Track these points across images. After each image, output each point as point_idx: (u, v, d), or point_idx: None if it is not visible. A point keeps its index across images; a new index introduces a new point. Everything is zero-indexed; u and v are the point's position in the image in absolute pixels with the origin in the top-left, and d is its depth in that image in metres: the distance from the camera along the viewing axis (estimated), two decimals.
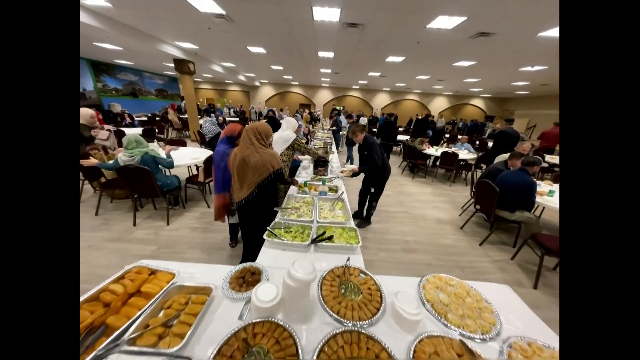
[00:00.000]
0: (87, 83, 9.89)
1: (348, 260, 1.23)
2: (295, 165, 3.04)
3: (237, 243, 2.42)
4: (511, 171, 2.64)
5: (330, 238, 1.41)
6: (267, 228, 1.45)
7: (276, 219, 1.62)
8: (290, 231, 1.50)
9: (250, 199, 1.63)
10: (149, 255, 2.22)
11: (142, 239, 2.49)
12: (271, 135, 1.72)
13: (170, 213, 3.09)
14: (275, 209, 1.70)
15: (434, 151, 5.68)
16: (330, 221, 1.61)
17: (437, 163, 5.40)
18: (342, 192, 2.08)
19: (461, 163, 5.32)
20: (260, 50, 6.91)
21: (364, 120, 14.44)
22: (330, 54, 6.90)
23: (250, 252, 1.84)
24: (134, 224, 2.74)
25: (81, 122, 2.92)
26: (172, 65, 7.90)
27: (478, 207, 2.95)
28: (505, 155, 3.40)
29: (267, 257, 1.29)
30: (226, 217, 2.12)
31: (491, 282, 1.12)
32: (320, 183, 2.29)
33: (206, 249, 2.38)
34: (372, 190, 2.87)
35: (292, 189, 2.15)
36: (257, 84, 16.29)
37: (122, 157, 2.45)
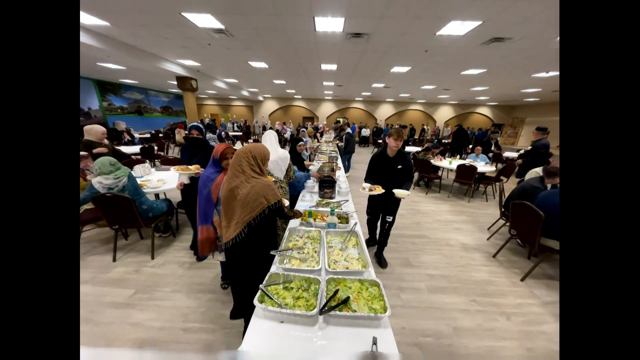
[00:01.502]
0: (93, 102, 10.04)
1: (374, 344, 0.85)
2: (297, 193, 2.62)
3: (230, 284, 2.04)
4: (557, 191, 2.23)
5: (345, 301, 1.02)
6: (260, 287, 1.08)
7: (272, 269, 1.25)
8: (292, 287, 1.13)
9: (239, 241, 1.28)
10: (123, 303, 1.85)
11: (120, 279, 2.13)
12: (268, 160, 1.41)
13: (158, 243, 2.75)
14: (272, 252, 1.34)
15: (448, 164, 5.30)
16: (343, 271, 1.24)
17: (453, 176, 5.01)
18: (355, 224, 1.70)
19: (476, 176, 4.91)
20: (262, 65, 6.86)
21: (366, 132, 14.29)
22: (334, 67, 6.79)
23: (241, 307, 1.48)
24: (114, 259, 2.40)
25: (92, 138, 2.97)
26: (175, 82, 7.93)
27: (514, 232, 2.52)
28: (538, 170, 2.99)
29: (259, 332, 0.91)
30: (215, 252, 1.76)
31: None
32: (328, 210, 1.93)
33: (193, 292, 2.00)
34: (390, 219, 2.36)
35: (295, 220, 1.79)
36: (260, 98, 16.47)
37: (105, 181, 2.12)
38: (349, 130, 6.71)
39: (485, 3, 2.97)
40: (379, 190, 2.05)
